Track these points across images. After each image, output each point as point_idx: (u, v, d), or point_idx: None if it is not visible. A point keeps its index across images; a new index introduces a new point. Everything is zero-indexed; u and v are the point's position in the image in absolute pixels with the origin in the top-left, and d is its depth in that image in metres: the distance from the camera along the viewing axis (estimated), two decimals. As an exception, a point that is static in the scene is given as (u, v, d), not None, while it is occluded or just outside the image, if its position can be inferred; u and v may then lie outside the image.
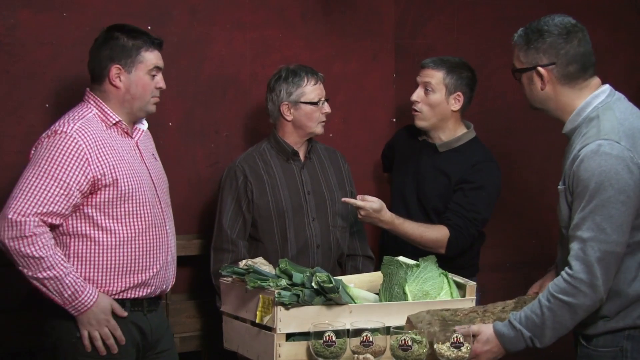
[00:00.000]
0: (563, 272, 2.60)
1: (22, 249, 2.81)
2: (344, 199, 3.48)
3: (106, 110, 3.03)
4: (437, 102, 3.62)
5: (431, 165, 3.68)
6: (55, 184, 2.85)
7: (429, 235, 3.50)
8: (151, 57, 3.07)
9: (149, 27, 3.74)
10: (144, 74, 3.06)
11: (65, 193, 2.85)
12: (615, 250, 2.56)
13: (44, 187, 2.84)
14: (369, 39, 4.30)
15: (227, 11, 3.99)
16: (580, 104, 2.72)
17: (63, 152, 2.87)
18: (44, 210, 2.83)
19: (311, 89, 3.54)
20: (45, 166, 2.86)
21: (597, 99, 2.71)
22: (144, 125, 3.19)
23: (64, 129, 2.91)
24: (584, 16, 4.07)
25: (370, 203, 3.38)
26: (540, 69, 2.72)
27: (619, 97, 2.76)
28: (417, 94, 3.64)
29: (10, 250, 2.82)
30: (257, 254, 3.48)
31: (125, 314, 2.97)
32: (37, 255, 2.81)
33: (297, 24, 4.14)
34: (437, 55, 3.74)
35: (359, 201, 3.39)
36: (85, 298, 2.88)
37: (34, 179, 2.85)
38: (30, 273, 2.83)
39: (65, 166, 2.86)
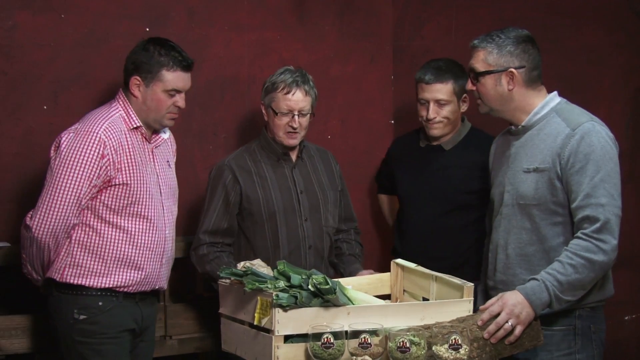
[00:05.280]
0: (581, 233, 2.83)
1: (26, 242, 3.09)
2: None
3: (131, 113, 3.16)
4: (454, 111, 3.66)
5: (443, 165, 3.69)
6: (72, 194, 3.01)
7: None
8: (171, 78, 3.15)
9: (147, 29, 3.75)
10: (160, 91, 3.15)
11: (77, 202, 3.03)
12: (620, 215, 2.87)
13: (61, 203, 3.01)
14: (367, 40, 4.31)
15: (225, 13, 3.99)
16: (541, 102, 3.03)
17: (88, 151, 3.01)
18: (58, 229, 3.03)
19: (280, 97, 3.46)
20: (67, 171, 3.01)
21: (556, 98, 3.06)
22: (165, 134, 3.31)
23: (92, 129, 3.05)
24: (582, 18, 4.06)
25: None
26: (513, 70, 3.00)
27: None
28: (433, 111, 3.62)
29: (22, 234, 3.12)
30: (248, 253, 3.45)
31: None
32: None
33: (295, 26, 4.14)
34: (433, 58, 3.75)
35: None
36: None
37: (54, 191, 3.02)
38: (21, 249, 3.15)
39: (86, 167, 3.01)
